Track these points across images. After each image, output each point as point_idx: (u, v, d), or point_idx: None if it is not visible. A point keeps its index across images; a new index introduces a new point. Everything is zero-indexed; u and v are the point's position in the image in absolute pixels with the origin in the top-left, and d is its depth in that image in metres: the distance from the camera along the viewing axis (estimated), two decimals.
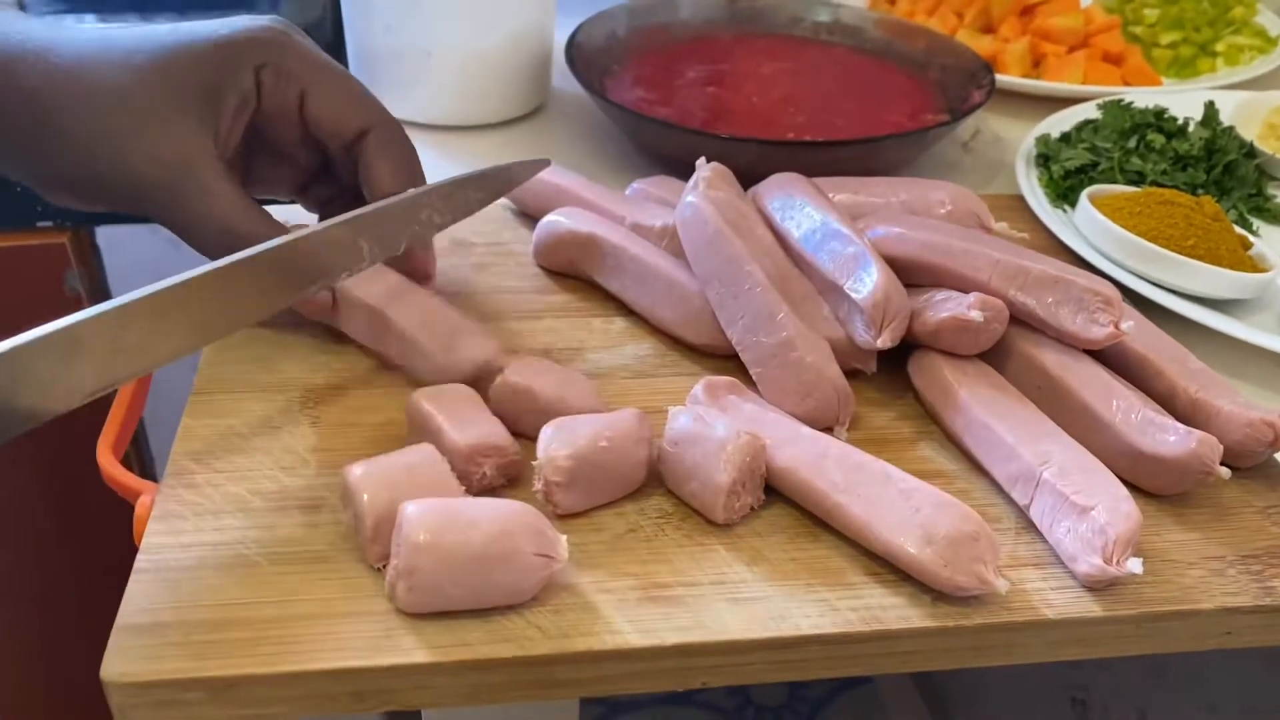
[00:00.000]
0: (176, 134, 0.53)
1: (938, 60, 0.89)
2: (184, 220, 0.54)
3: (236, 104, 0.55)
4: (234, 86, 0.54)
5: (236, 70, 0.54)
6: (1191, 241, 0.67)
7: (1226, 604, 0.48)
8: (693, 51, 0.93)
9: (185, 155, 0.53)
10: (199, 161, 0.53)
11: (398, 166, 0.58)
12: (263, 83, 0.55)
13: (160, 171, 0.52)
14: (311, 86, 0.56)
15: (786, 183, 0.64)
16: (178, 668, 0.41)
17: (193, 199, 0.53)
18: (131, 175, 0.52)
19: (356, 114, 0.57)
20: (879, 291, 0.55)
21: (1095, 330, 0.54)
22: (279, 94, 0.56)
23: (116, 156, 0.52)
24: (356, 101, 0.58)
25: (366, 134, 0.58)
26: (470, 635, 0.43)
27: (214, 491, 0.49)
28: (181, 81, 0.53)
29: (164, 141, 0.52)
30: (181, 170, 0.53)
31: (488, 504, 0.45)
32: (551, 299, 0.64)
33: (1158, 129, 0.79)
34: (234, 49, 0.54)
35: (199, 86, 0.53)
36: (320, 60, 0.57)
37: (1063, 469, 0.50)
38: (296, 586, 0.45)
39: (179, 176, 0.53)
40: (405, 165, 0.59)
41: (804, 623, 0.45)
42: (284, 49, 0.55)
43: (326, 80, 0.57)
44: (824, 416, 0.54)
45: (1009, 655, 0.47)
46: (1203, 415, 0.54)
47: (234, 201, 0.54)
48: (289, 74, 0.55)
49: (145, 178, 0.52)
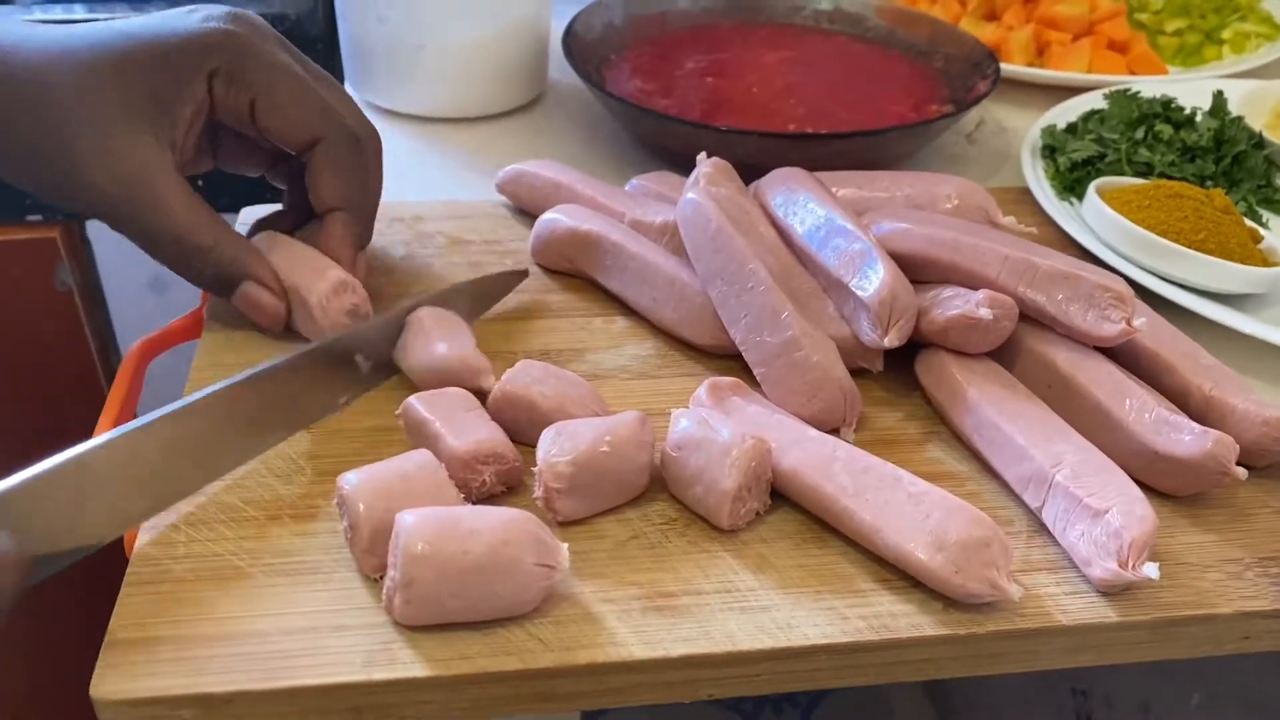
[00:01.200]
0: (131, 148, 0.52)
1: (941, 49, 0.88)
2: (140, 232, 0.54)
3: (191, 112, 0.54)
4: (189, 95, 0.54)
5: (191, 78, 0.53)
6: (1202, 235, 0.65)
7: (1244, 608, 0.47)
8: (692, 40, 0.91)
9: (140, 170, 0.52)
10: (154, 175, 0.53)
11: (343, 182, 0.57)
12: (214, 89, 0.54)
13: (116, 187, 0.52)
14: (262, 94, 0.55)
15: (789, 177, 0.63)
16: (169, 685, 0.40)
17: (148, 213, 0.53)
18: (87, 187, 0.52)
19: (306, 124, 0.56)
20: (885, 289, 0.53)
21: (1107, 327, 0.53)
22: (230, 100, 0.55)
23: (72, 168, 0.52)
24: (307, 111, 0.56)
25: (316, 144, 0.57)
26: (470, 648, 0.42)
27: (206, 501, 0.48)
28: (135, 91, 0.52)
29: (119, 156, 0.52)
30: (137, 185, 0.52)
31: (487, 512, 0.43)
32: (550, 298, 0.63)
33: (1165, 119, 0.78)
34: (187, 52, 0.53)
35: (153, 95, 0.53)
36: (277, 65, 0.55)
37: (1076, 470, 0.48)
38: (291, 599, 0.44)
39: (134, 191, 0.52)
40: (351, 180, 0.58)
41: (812, 632, 0.44)
42: (239, 53, 0.54)
43: (279, 87, 0.55)
44: (830, 417, 0.53)
45: (1022, 663, 0.46)
46: (1217, 414, 0.53)
47: (189, 214, 0.53)
48: (241, 80, 0.54)
49: (101, 191, 0.52)
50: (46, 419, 1.05)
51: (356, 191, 0.58)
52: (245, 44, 0.54)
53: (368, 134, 0.59)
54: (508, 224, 0.69)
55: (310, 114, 0.56)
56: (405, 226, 0.68)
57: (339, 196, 0.58)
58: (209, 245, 0.54)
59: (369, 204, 0.60)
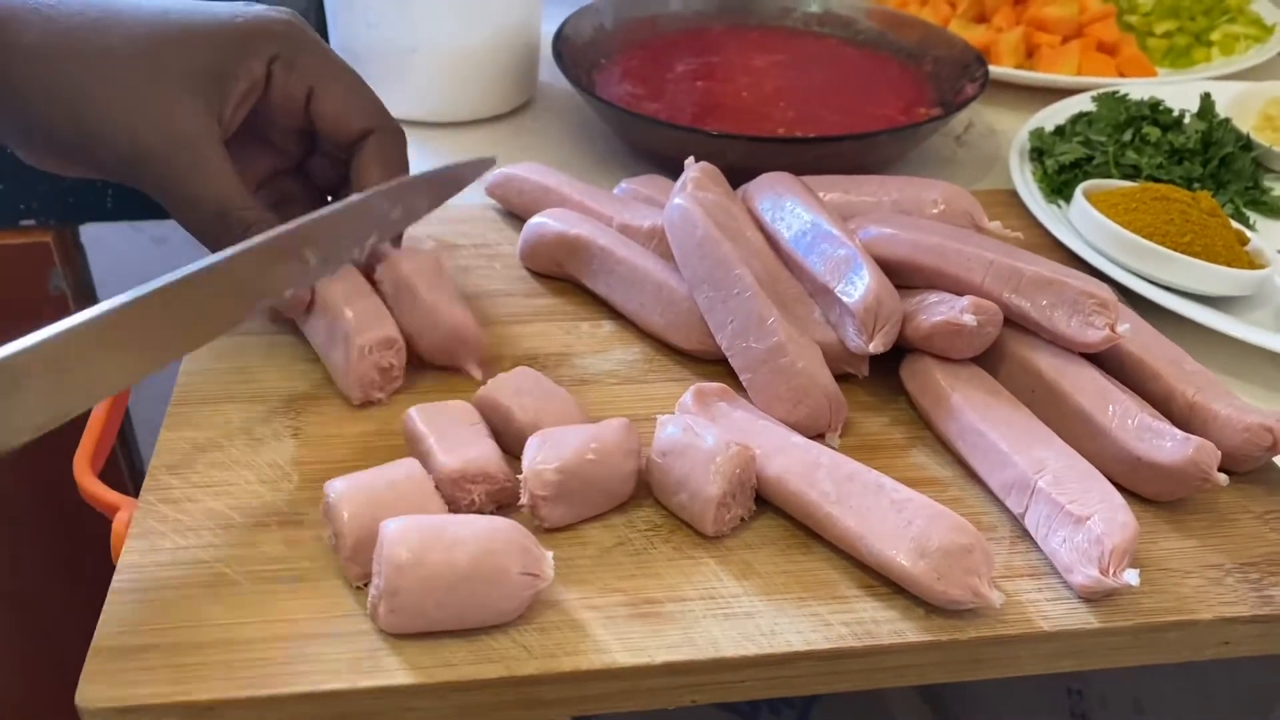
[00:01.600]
0: (184, 109, 0.53)
1: (931, 52, 0.88)
2: (179, 194, 0.53)
3: (245, 90, 0.55)
4: (245, 73, 0.54)
5: (250, 57, 0.54)
6: (1188, 238, 0.66)
7: (1224, 614, 0.47)
8: (682, 44, 0.91)
9: (189, 131, 0.53)
10: (202, 139, 0.53)
11: (390, 173, 0.58)
12: (273, 74, 0.56)
13: (163, 143, 0.52)
14: (320, 83, 0.56)
15: (776, 182, 0.63)
16: (154, 692, 0.40)
17: (190, 175, 0.53)
18: (133, 142, 0.52)
19: (361, 115, 0.58)
20: (871, 296, 0.54)
21: (1091, 333, 0.53)
22: (288, 86, 0.56)
23: (124, 122, 0.52)
24: (363, 103, 0.58)
25: (368, 136, 0.58)
26: (455, 655, 0.42)
27: (193, 507, 0.48)
28: (195, 60, 0.53)
29: (171, 115, 0.52)
30: (184, 145, 0.53)
31: (472, 521, 0.44)
32: (538, 302, 0.63)
33: (1153, 121, 0.78)
34: (250, 36, 0.54)
35: (211, 68, 0.54)
36: (331, 57, 0.57)
37: (1058, 477, 0.49)
38: (277, 606, 0.44)
39: (180, 150, 0.53)
40: (397, 173, 0.59)
41: (795, 638, 0.44)
42: (298, 43, 0.56)
43: (336, 78, 0.57)
44: (816, 423, 0.53)
45: (1005, 668, 0.47)
46: (1200, 419, 0.53)
47: (232, 182, 0.54)
48: (300, 68, 0.56)
49: (147, 147, 0.52)
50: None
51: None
52: (305, 35, 0.56)
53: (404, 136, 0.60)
54: (497, 227, 0.70)
55: (365, 105, 0.58)
56: None
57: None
58: (252, 220, 0.54)
59: None
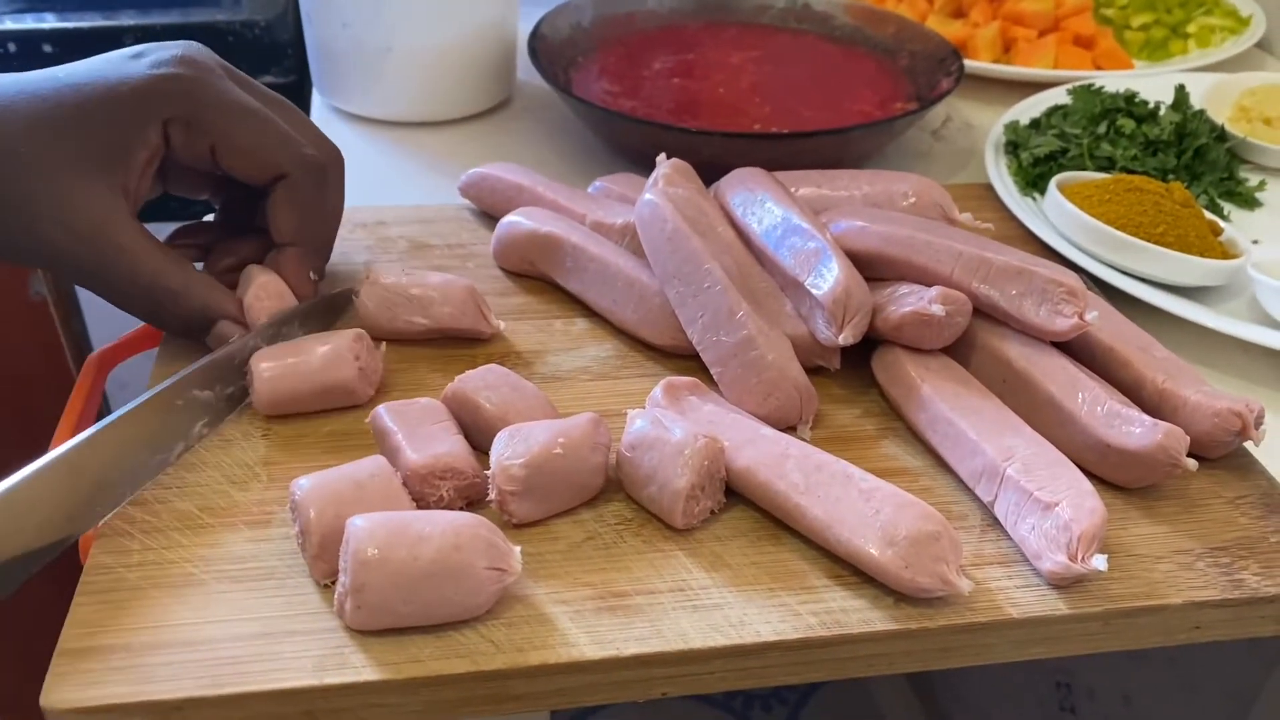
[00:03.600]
0: (86, 201, 0.52)
1: (907, 47, 0.88)
2: (105, 285, 0.53)
3: (145, 158, 0.54)
4: (141, 143, 0.53)
5: (145, 125, 0.53)
6: (1161, 229, 0.66)
7: (1194, 598, 0.47)
8: (659, 41, 0.91)
9: (98, 224, 0.52)
10: (113, 227, 0.52)
11: (300, 217, 0.57)
12: (171, 136, 0.54)
13: (75, 243, 0.51)
14: (222, 138, 0.54)
15: (748, 178, 0.63)
16: (119, 693, 0.40)
17: (111, 265, 0.52)
18: (45, 243, 0.51)
19: (269, 162, 0.56)
20: (840, 288, 0.54)
21: (1059, 322, 0.53)
22: (189, 145, 0.55)
23: (30, 223, 0.51)
24: (268, 149, 0.56)
25: (279, 180, 0.57)
26: (422, 651, 0.42)
27: (161, 508, 0.48)
28: (89, 143, 0.52)
29: (75, 211, 0.51)
30: (96, 240, 0.52)
31: (438, 517, 0.44)
32: (512, 301, 0.63)
33: (1128, 114, 0.78)
34: (140, 103, 0.53)
35: (106, 146, 0.52)
36: (233, 106, 0.55)
37: (1027, 464, 0.49)
38: (244, 605, 0.44)
39: (94, 246, 0.52)
40: (311, 214, 0.58)
41: (764, 629, 0.44)
42: (192, 100, 0.54)
43: (238, 129, 0.55)
44: (787, 415, 0.54)
45: (975, 656, 0.47)
46: (1170, 405, 0.53)
47: (153, 261, 0.53)
48: (198, 125, 0.54)
49: (59, 247, 0.51)
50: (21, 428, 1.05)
51: (316, 224, 0.59)
52: (199, 88, 0.54)
53: (330, 158, 0.59)
54: (471, 228, 0.70)
55: (272, 152, 0.56)
56: (368, 232, 0.68)
57: (296, 232, 0.58)
58: (179, 289, 0.54)
59: (328, 233, 0.60)
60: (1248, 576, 0.48)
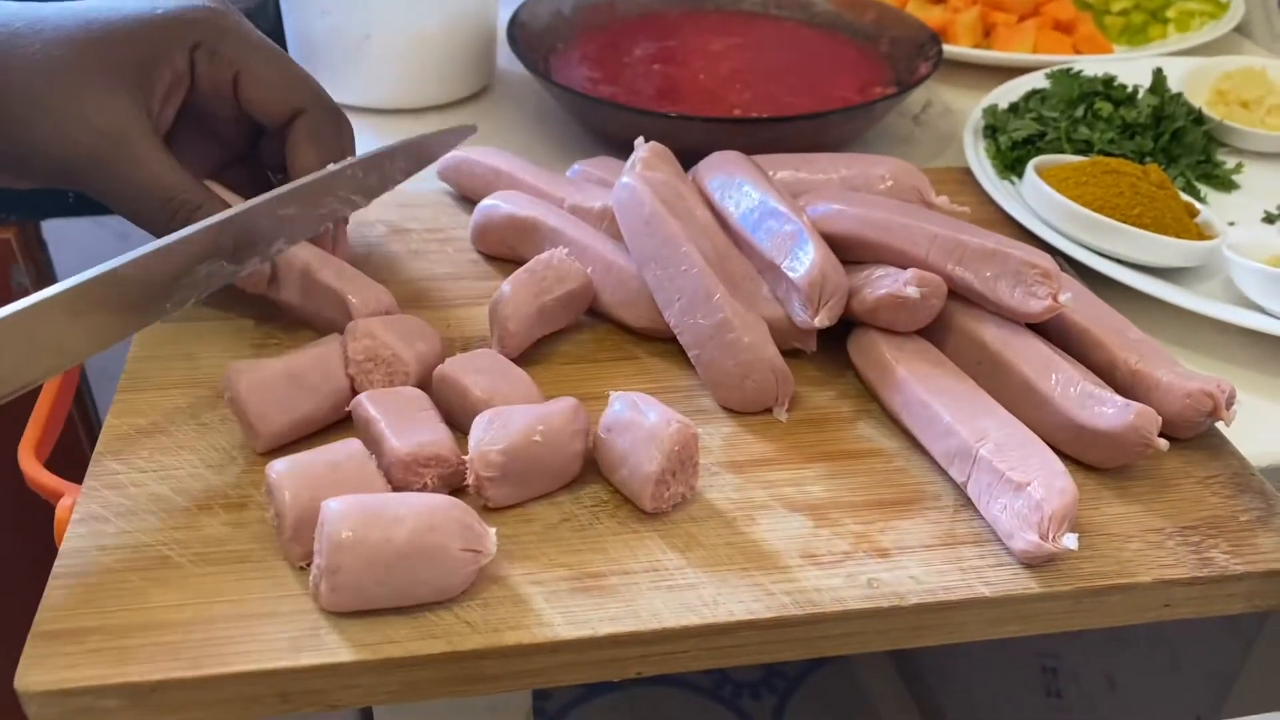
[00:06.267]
0: (110, 106, 0.53)
1: (887, 32, 0.88)
2: (121, 190, 0.53)
3: (170, 82, 0.55)
4: (167, 65, 0.54)
5: (170, 50, 0.54)
6: (1137, 210, 0.66)
7: (1164, 576, 0.47)
8: (640, 28, 0.91)
9: (120, 126, 0.53)
10: (134, 133, 0.53)
11: (324, 152, 0.58)
12: (196, 63, 0.55)
13: (96, 141, 0.52)
14: (245, 69, 0.56)
15: (726, 161, 0.63)
16: (96, 674, 0.40)
17: (129, 168, 0.53)
18: (67, 145, 0.52)
19: (289, 97, 0.57)
20: (815, 270, 0.54)
21: (1033, 303, 0.53)
22: (213, 75, 0.56)
23: (53, 127, 0.52)
24: (290, 84, 0.58)
25: (298, 116, 0.58)
26: (397, 632, 0.43)
27: (138, 492, 0.48)
28: (115, 58, 0.53)
29: (100, 112, 0.52)
30: (118, 140, 0.53)
31: (412, 499, 0.44)
32: (490, 284, 0.63)
33: (1105, 97, 0.79)
34: (168, 28, 0.54)
35: (133, 63, 0.53)
36: (255, 41, 0.57)
37: (999, 445, 0.49)
38: (220, 587, 0.44)
39: (115, 146, 0.53)
40: (332, 151, 0.58)
41: (737, 608, 0.44)
42: (219, 30, 0.55)
43: (260, 62, 0.57)
44: (762, 397, 0.54)
45: (948, 635, 0.47)
46: (1143, 386, 0.53)
47: (171, 169, 0.54)
48: (222, 55, 0.56)
49: (81, 147, 0.52)
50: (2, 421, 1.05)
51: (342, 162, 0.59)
52: (225, 20, 0.56)
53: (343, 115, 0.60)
54: (450, 212, 0.70)
55: (293, 86, 0.58)
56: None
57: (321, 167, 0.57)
58: (198, 203, 0.54)
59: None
60: (1217, 555, 0.48)
